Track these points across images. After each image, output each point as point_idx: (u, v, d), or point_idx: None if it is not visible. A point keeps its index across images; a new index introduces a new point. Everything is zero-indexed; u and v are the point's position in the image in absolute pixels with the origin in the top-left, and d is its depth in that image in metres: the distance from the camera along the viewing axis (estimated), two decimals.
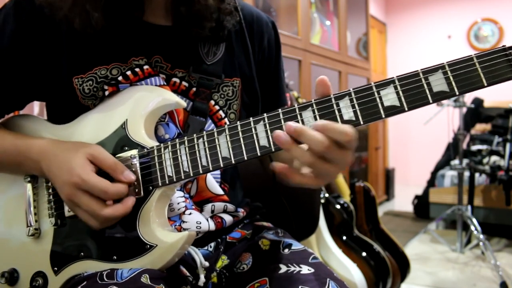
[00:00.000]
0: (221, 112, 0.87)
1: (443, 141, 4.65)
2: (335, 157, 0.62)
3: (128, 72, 0.80)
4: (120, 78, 0.80)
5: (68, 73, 0.79)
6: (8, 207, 0.84)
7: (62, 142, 0.78)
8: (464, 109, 3.39)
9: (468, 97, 3.93)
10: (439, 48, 5.91)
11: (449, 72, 0.61)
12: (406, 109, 0.62)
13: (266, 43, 0.95)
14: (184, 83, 0.84)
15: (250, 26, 0.93)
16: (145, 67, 0.81)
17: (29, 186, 0.80)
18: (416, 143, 6.12)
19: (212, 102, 0.86)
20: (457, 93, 0.61)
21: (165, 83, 0.83)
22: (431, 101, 0.62)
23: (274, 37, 0.97)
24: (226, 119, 0.87)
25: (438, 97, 0.61)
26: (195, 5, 0.80)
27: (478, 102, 4.10)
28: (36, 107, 1.62)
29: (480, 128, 4.69)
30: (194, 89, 0.84)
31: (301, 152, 0.62)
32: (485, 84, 0.60)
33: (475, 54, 0.61)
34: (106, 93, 0.80)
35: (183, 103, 0.77)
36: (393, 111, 0.63)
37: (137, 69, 0.81)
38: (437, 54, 5.83)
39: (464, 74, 0.61)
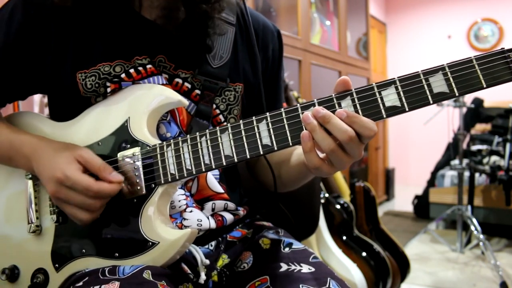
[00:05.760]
0: (221, 116, 0.87)
1: (443, 141, 4.65)
2: (352, 148, 0.64)
3: (131, 70, 0.81)
4: (123, 75, 0.81)
5: (72, 68, 0.80)
6: (9, 203, 0.84)
7: (54, 141, 0.78)
8: (464, 109, 3.40)
9: (468, 97, 3.94)
10: (439, 48, 5.90)
11: (449, 73, 0.62)
12: (407, 109, 0.63)
13: (270, 53, 0.96)
14: (187, 84, 0.84)
15: (256, 34, 0.94)
16: (148, 66, 0.82)
17: (30, 183, 0.81)
18: (416, 143, 6.12)
19: (214, 105, 0.86)
20: (457, 94, 0.62)
21: (167, 83, 0.83)
22: (431, 102, 0.63)
23: (278, 46, 0.99)
24: (225, 124, 0.87)
25: (438, 98, 0.62)
26: None
27: (478, 102, 4.10)
28: (36, 107, 1.62)
29: (480, 128, 4.69)
30: (198, 91, 0.85)
31: (324, 136, 0.64)
32: (484, 86, 0.61)
33: (474, 56, 0.62)
34: (108, 90, 0.80)
35: (185, 101, 0.78)
36: (394, 111, 0.64)
37: (140, 68, 0.81)
38: (437, 54, 5.83)
39: (464, 76, 0.62)
